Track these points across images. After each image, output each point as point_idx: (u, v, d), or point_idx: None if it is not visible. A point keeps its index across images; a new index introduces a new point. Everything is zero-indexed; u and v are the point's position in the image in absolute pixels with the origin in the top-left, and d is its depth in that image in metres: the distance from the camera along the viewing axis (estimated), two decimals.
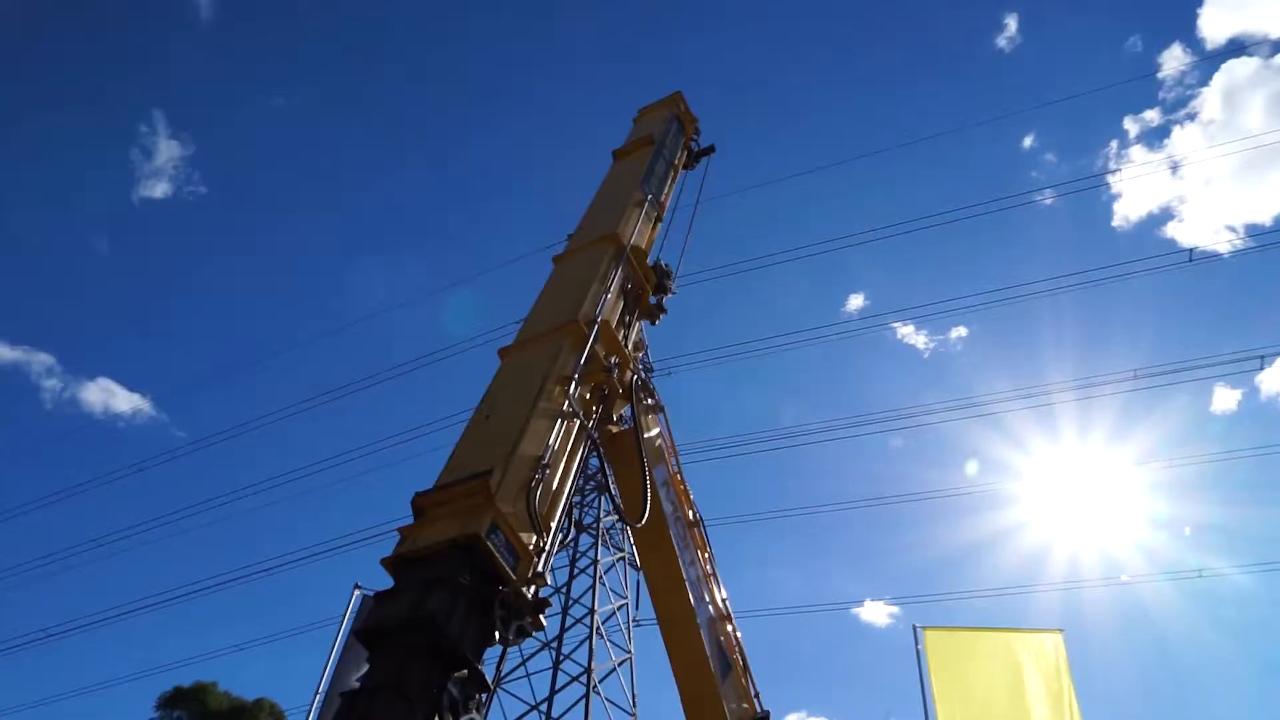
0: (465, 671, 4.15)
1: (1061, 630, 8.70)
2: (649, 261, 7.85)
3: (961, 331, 69.06)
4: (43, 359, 72.37)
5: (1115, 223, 63.55)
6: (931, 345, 70.16)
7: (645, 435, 8.04)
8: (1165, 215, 69.14)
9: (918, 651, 8.20)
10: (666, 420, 9.97)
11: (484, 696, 4.29)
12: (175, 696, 36.31)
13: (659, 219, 8.68)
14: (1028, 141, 61.45)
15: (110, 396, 77.09)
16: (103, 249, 70.39)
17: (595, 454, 6.37)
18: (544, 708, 28.40)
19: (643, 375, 8.02)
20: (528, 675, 29.30)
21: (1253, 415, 59.81)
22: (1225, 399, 60.74)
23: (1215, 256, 27.00)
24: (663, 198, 8.93)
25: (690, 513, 10.15)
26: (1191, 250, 23.61)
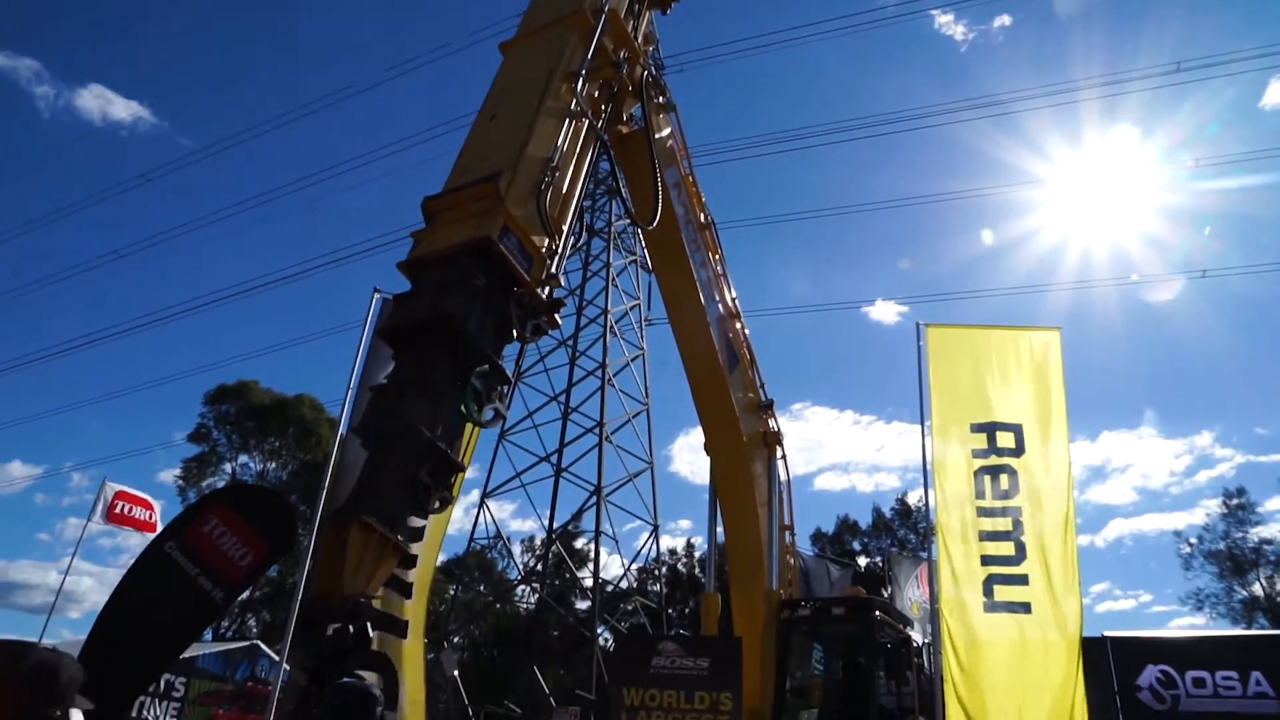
0: (486, 366, 4.38)
1: (1059, 328, 8.96)
2: None
3: (1005, 20, 63.91)
4: (29, 64, 69.24)
5: None
6: (970, 36, 65.32)
7: (656, 135, 7.79)
8: None
9: (919, 348, 8.52)
10: (678, 119, 9.64)
11: (505, 388, 4.55)
12: (220, 393, 39.12)
13: None
14: None
15: (106, 104, 74.64)
16: None
17: (605, 156, 6.23)
18: (562, 399, 30.53)
19: (653, 71, 7.60)
20: (546, 370, 31.22)
21: None
22: (1278, 92, 57.45)
23: None
24: None
25: (702, 215, 10.14)
26: None
